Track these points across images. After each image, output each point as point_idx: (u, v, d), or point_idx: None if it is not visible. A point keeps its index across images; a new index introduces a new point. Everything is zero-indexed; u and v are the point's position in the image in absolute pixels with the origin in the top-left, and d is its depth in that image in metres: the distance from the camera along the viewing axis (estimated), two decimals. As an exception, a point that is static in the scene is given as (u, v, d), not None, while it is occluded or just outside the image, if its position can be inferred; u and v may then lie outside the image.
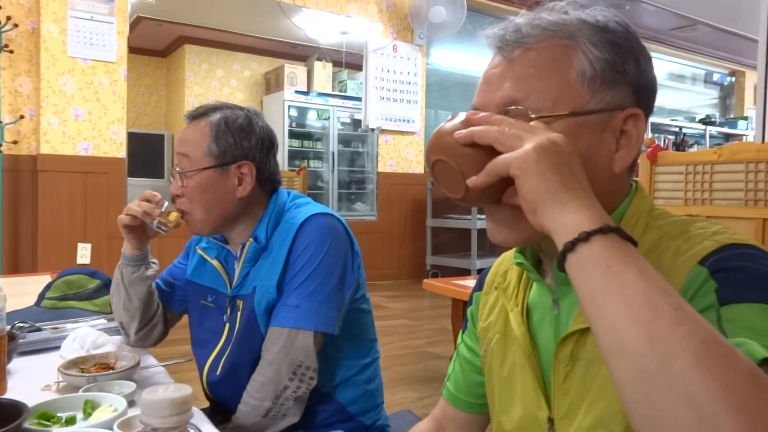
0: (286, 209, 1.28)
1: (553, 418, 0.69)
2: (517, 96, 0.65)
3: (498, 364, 0.80)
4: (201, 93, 7.58)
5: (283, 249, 1.20)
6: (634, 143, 0.67)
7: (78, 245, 4.33)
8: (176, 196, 1.25)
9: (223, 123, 1.22)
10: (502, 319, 0.80)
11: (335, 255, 1.19)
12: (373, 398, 1.33)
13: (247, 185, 1.23)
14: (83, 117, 4.37)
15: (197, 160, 1.21)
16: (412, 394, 2.70)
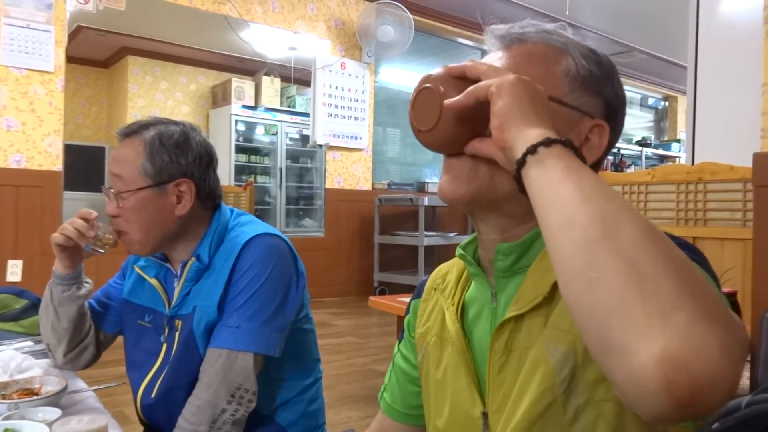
0: (229, 227, 1.25)
1: (487, 413, 0.69)
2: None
3: (434, 367, 0.80)
4: (144, 105, 7.40)
5: (225, 268, 1.18)
6: (594, 152, 0.71)
7: (8, 262, 4.11)
8: (112, 216, 1.20)
9: (157, 140, 1.18)
10: (439, 321, 0.80)
11: (279, 276, 1.17)
12: (314, 419, 1.31)
13: (187, 203, 1.20)
14: (16, 128, 4.18)
15: (131, 180, 1.17)
16: (356, 413, 2.67)
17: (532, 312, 0.65)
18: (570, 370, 0.60)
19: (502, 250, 0.70)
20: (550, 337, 0.63)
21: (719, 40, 3.50)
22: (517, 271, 0.70)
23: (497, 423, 0.68)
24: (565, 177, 0.51)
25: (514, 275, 0.70)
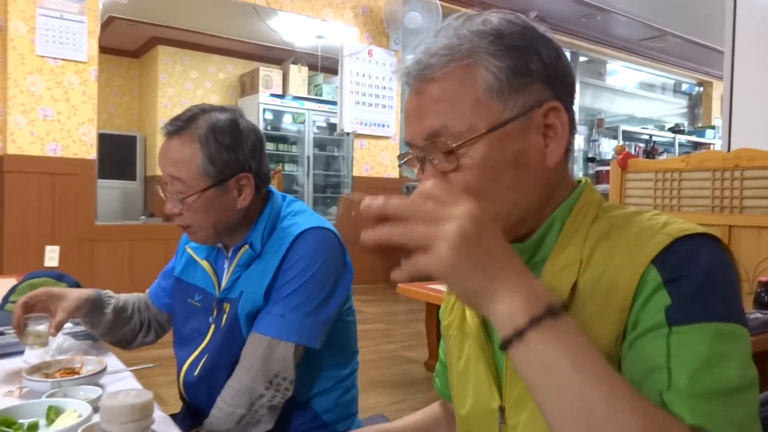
0: (282, 216, 1.25)
1: (504, 407, 0.71)
2: (435, 127, 0.67)
3: (456, 359, 0.81)
4: (174, 95, 7.49)
5: (275, 257, 1.19)
6: (561, 134, 0.69)
7: (46, 248, 4.23)
8: (174, 214, 1.20)
9: (211, 137, 1.16)
10: (459, 314, 0.81)
11: (327, 270, 1.18)
12: (348, 407, 1.33)
13: (247, 195, 1.21)
14: (52, 117, 4.28)
15: (193, 182, 1.16)
16: (385, 398, 2.69)
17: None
18: None
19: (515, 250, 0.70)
20: None
21: (758, 23, 3.40)
22: (532, 267, 0.70)
23: (513, 419, 0.69)
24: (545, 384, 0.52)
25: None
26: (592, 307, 0.64)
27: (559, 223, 0.71)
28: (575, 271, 0.67)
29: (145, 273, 4.57)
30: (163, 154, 1.19)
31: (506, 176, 0.67)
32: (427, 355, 3.24)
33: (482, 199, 0.65)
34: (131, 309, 1.41)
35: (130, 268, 4.63)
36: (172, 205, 1.19)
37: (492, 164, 0.66)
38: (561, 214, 0.71)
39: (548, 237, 0.70)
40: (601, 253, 0.66)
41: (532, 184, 0.68)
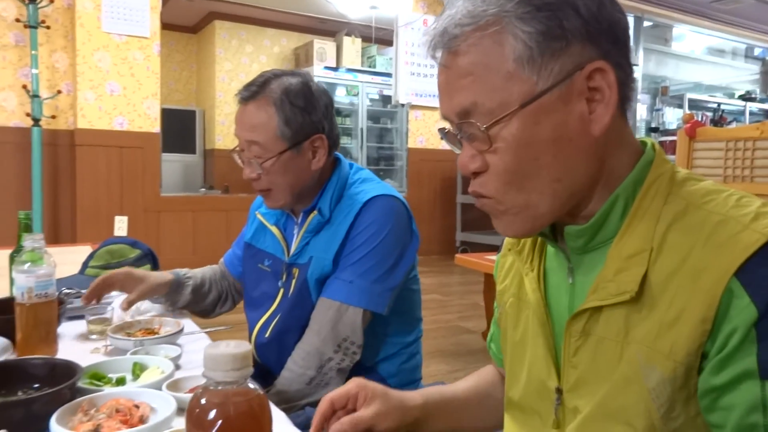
0: (349, 183, 1.27)
1: (561, 389, 0.68)
2: (465, 105, 0.62)
3: (511, 327, 0.79)
4: (231, 69, 7.62)
5: (344, 224, 1.21)
6: (608, 97, 0.61)
7: (115, 218, 4.43)
8: (252, 179, 1.24)
9: (286, 100, 1.19)
10: (516, 282, 0.79)
11: (395, 237, 1.20)
12: (412, 374, 1.35)
13: (322, 157, 1.23)
14: (118, 92, 4.44)
15: (270, 145, 1.19)
16: (444, 367, 2.74)
17: (613, 305, 0.62)
18: (668, 397, 0.58)
19: (572, 233, 0.67)
20: (644, 356, 0.59)
21: None
22: (593, 248, 0.67)
23: (572, 402, 0.67)
24: None
25: (589, 252, 0.67)
26: (666, 306, 0.58)
27: (623, 201, 0.64)
28: (645, 261, 0.60)
29: (208, 242, 4.74)
30: (239, 120, 1.22)
31: (546, 153, 0.62)
32: (484, 326, 3.24)
33: (523, 179, 0.62)
34: (209, 284, 1.48)
35: (194, 238, 4.80)
36: (250, 170, 1.22)
37: (529, 142, 0.61)
38: (625, 190, 0.64)
39: (611, 217, 0.64)
40: (675, 241, 0.60)
41: (576, 157, 0.62)
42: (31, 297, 1.08)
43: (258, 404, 0.46)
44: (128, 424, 0.81)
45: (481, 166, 0.64)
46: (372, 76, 7.53)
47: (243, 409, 0.45)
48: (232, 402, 0.45)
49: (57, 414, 0.80)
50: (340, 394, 0.81)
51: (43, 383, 0.91)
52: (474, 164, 0.65)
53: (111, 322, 1.28)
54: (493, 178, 0.64)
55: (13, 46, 4.28)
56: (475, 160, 0.64)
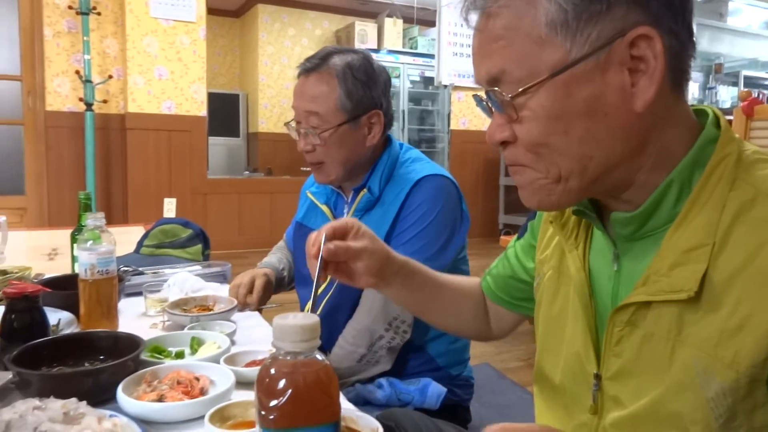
0: (399, 162, 1.28)
1: (600, 375, 0.65)
2: (493, 72, 0.59)
3: (548, 301, 0.75)
4: (274, 53, 7.66)
5: (395, 204, 1.21)
6: (653, 67, 0.55)
7: (164, 200, 4.55)
8: (306, 151, 1.25)
9: (349, 72, 1.20)
10: (557, 255, 0.75)
11: (445, 217, 1.20)
12: (460, 354, 1.35)
13: (377, 133, 1.24)
14: (166, 76, 4.53)
15: (330, 116, 1.20)
16: (490, 349, 2.75)
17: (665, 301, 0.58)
18: (729, 407, 0.54)
19: (619, 221, 0.63)
20: (702, 364, 0.55)
21: None
22: (643, 236, 0.62)
23: (612, 390, 0.63)
24: None
25: (638, 240, 0.63)
26: (729, 310, 0.53)
27: (678, 187, 0.58)
28: (706, 256, 0.55)
29: (253, 223, 4.82)
30: (299, 91, 1.23)
31: (577, 127, 0.56)
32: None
33: (551, 153, 0.58)
34: (287, 271, 1.50)
35: (239, 219, 4.90)
36: (305, 141, 1.24)
37: (558, 114, 0.56)
38: (681, 174, 0.58)
39: (663, 205, 0.59)
40: (742, 236, 0.54)
41: (613, 134, 0.57)
42: (93, 273, 1.13)
43: (326, 374, 0.47)
44: (190, 395, 0.84)
45: (509, 136, 0.61)
46: (413, 57, 7.46)
47: (312, 379, 0.46)
48: (301, 372, 0.46)
49: (123, 384, 0.83)
50: (341, 225, 0.83)
51: (108, 355, 0.95)
52: (500, 134, 0.61)
53: (167, 299, 1.32)
54: (521, 150, 0.61)
55: (66, 33, 4.40)
56: (503, 130, 0.61)
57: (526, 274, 0.88)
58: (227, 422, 0.77)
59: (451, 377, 1.31)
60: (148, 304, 1.31)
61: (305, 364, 0.47)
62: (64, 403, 0.73)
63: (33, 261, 1.61)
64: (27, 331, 0.94)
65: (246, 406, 0.81)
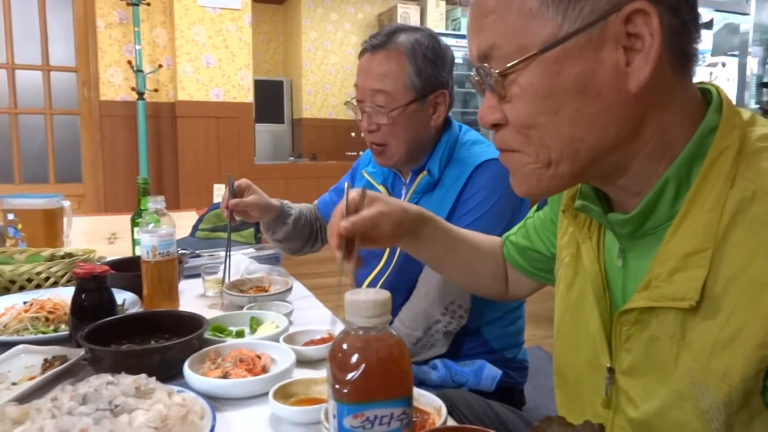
0: (459, 144, 1.26)
1: (614, 369, 0.63)
2: (483, 47, 0.56)
3: (565, 287, 0.74)
4: (316, 38, 7.68)
5: (455, 187, 1.20)
6: (649, 45, 0.51)
7: (214, 186, 4.65)
8: (371, 131, 1.23)
9: (418, 50, 1.17)
10: (573, 243, 0.73)
11: (506, 202, 1.18)
12: (515, 337, 1.34)
13: (441, 114, 1.23)
14: (214, 64, 4.60)
15: (398, 94, 1.18)
16: (540, 332, 2.73)
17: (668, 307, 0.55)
18: (724, 420, 0.52)
19: (616, 222, 0.61)
20: (696, 375, 0.53)
21: None
22: (645, 234, 0.59)
23: (625, 384, 0.62)
24: None
25: (640, 238, 0.60)
26: (722, 320, 0.51)
27: (674, 185, 0.55)
28: (706, 262, 0.52)
29: (299, 209, 4.88)
30: (365, 70, 1.20)
31: (568, 106, 0.54)
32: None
33: (541, 135, 0.56)
34: (304, 219, 1.52)
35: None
36: (370, 121, 1.22)
37: (548, 93, 0.54)
38: (677, 173, 0.55)
39: (660, 205, 0.56)
40: (739, 239, 0.51)
41: (605, 115, 0.54)
42: (155, 255, 1.16)
43: (398, 349, 0.47)
44: (252, 373, 0.86)
45: (500, 118, 0.59)
46: (456, 39, 7.35)
47: (384, 354, 0.46)
48: (373, 347, 0.46)
49: (188, 361, 0.86)
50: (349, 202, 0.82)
51: (172, 334, 0.98)
52: (491, 116, 0.59)
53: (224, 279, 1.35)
54: (511, 133, 0.58)
55: (117, 24, 4.52)
56: (494, 111, 0.59)
57: (543, 247, 0.88)
58: (290, 399, 0.79)
59: (505, 360, 1.31)
60: (207, 285, 1.34)
61: (378, 339, 0.47)
62: (135, 379, 0.75)
63: (93, 245, 1.67)
64: (96, 310, 0.98)
65: (307, 383, 0.82)
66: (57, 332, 1.04)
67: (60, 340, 0.99)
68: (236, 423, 0.77)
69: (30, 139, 4.71)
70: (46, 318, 1.07)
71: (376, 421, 0.45)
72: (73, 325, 0.98)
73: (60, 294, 1.15)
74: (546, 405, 1.62)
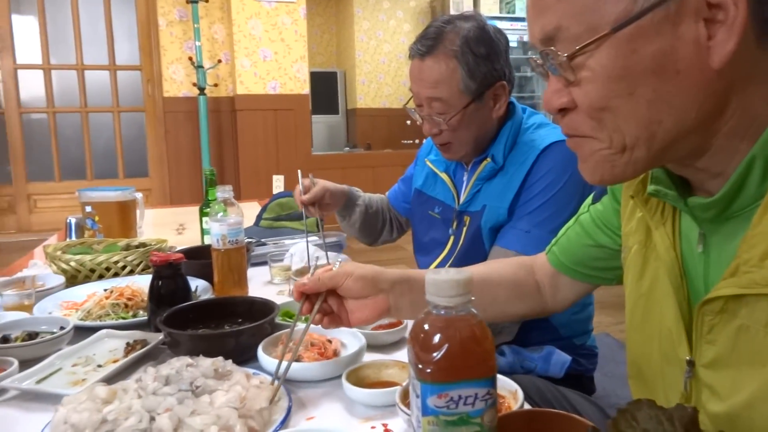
0: (523, 128, 1.23)
1: (693, 362, 0.59)
2: (548, 29, 0.53)
3: (635, 277, 0.70)
4: (369, 28, 7.68)
5: (520, 172, 1.17)
6: (732, 16, 0.47)
7: (273, 177, 4.75)
8: (434, 135, 1.22)
9: (467, 50, 1.13)
10: (642, 230, 0.68)
11: (573, 186, 1.14)
12: (584, 324, 1.31)
13: (503, 104, 1.20)
14: (270, 57, 4.68)
15: (454, 100, 1.16)
16: (608, 319, 2.68)
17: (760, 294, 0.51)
18: None
19: (698, 207, 0.56)
20: None
21: None
22: (729, 217, 0.56)
23: (708, 377, 0.58)
24: None
25: (724, 222, 0.57)
26: None
27: (762, 163, 0.51)
28: None
29: (356, 199, 4.92)
30: (417, 77, 1.17)
31: (644, 87, 0.50)
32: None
33: (614, 119, 0.52)
34: (375, 207, 1.53)
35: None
36: (431, 126, 1.20)
37: (621, 74, 0.50)
38: (764, 149, 0.51)
39: (747, 184, 0.52)
40: None
41: (686, 94, 0.50)
42: (225, 243, 1.19)
43: (480, 330, 0.47)
44: (324, 356, 0.87)
45: (567, 102, 0.55)
46: (511, 22, 7.18)
47: (467, 334, 0.46)
48: (456, 326, 0.46)
49: (262, 344, 0.88)
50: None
51: (245, 319, 1.01)
52: (558, 100, 0.56)
53: (291, 267, 1.37)
54: (581, 117, 0.55)
55: (178, 22, 4.66)
56: (561, 95, 0.55)
57: (608, 240, 0.81)
58: (362, 382, 0.80)
59: (574, 347, 1.28)
60: (273, 272, 1.37)
61: (460, 319, 0.46)
62: (213, 361, 0.78)
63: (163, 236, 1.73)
64: (172, 296, 1.02)
65: (378, 367, 0.83)
66: (136, 318, 1.08)
67: (139, 325, 1.03)
68: (310, 405, 0.78)
69: (99, 136, 4.93)
70: (125, 304, 1.11)
71: (461, 401, 0.45)
72: (151, 310, 1.02)
73: (136, 281, 1.20)
74: (617, 393, 1.58)
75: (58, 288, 1.22)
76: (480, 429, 0.45)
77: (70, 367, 0.88)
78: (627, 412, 0.48)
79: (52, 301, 1.16)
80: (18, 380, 0.81)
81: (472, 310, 0.47)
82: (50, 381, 0.84)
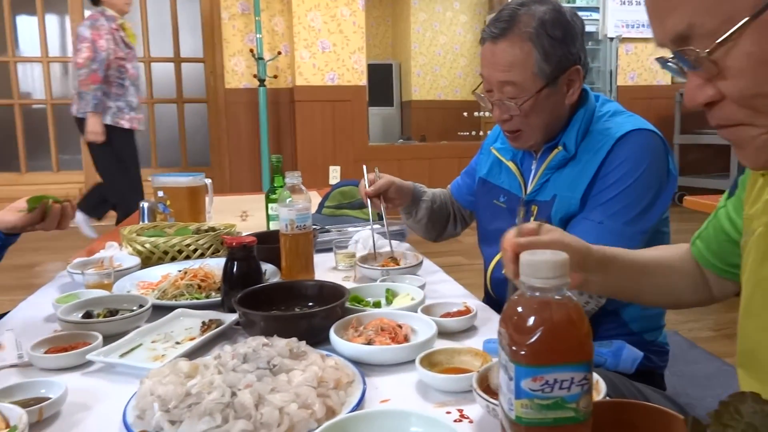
0: (596, 117, 1.19)
1: None
2: (680, 29, 0.50)
3: (757, 260, 0.66)
4: (425, 19, 7.64)
5: (594, 161, 1.14)
6: None
7: (329, 168, 4.79)
8: (504, 120, 1.19)
9: (543, 32, 1.10)
10: None
11: (651, 176, 1.10)
12: (655, 320, 1.26)
13: (576, 89, 1.16)
14: (329, 49, 4.72)
15: (528, 84, 1.12)
16: (677, 317, 2.61)
17: None
18: None
19: None
20: None
21: None
22: None
23: None
24: None
25: None
26: None
27: None
28: None
29: (412, 190, 4.91)
30: (489, 61, 1.15)
31: None
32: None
33: None
34: (439, 201, 1.52)
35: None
36: (501, 111, 1.17)
37: None
38: None
39: None
40: None
41: None
42: (293, 228, 1.21)
43: (576, 313, 0.45)
44: (395, 341, 0.87)
45: (713, 95, 0.53)
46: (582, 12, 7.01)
47: (563, 317, 0.45)
48: (552, 309, 0.45)
49: (333, 327, 0.89)
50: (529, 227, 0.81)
51: (315, 302, 1.02)
52: (703, 95, 0.54)
53: (355, 254, 1.38)
54: (733, 108, 0.53)
55: (240, 15, 4.75)
56: (704, 90, 0.53)
57: (738, 234, 0.78)
58: (435, 368, 0.79)
59: (645, 343, 1.23)
60: (338, 258, 1.38)
61: (556, 302, 0.45)
62: (288, 342, 0.79)
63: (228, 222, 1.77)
64: (245, 278, 1.04)
65: (451, 353, 0.82)
66: (209, 298, 1.11)
67: (213, 305, 1.06)
68: (383, 388, 0.78)
69: (163, 126, 5.10)
70: (198, 285, 1.15)
71: (556, 385, 0.43)
72: (224, 291, 1.05)
73: (208, 264, 1.23)
74: (687, 392, 1.52)
75: (134, 268, 1.27)
76: (575, 414, 0.44)
77: (150, 343, 0.92)
78: (730, 404, 0.45)
79: (130, 281, 1.21)
80: (103, 353, 0.85)
81: (568, 294, 0.46)
82: (132, 356, 0.87)
